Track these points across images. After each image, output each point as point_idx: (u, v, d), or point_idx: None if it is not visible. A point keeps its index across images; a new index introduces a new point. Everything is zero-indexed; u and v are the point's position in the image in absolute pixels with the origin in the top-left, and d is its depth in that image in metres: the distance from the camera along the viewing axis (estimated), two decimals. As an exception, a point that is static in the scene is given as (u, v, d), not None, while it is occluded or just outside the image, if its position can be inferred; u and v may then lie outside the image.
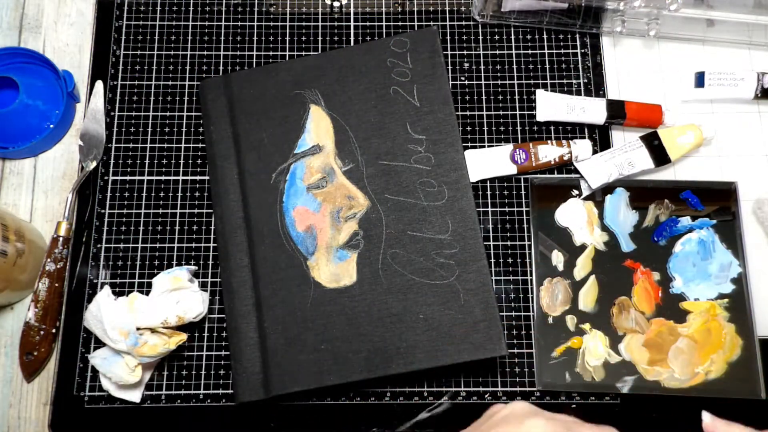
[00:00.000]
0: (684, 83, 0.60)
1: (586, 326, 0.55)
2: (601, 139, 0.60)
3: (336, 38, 0.62)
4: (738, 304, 0.55)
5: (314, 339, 0.51)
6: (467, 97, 0.60)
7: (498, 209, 0.58)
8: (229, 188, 0.55)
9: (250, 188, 0.55)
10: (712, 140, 0.59)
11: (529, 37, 0.62)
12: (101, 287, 0.55)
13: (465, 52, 0.62)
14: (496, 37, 0.62)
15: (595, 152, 0.58)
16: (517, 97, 0.61)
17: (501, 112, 0.60)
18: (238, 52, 0.61)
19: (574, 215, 0.57)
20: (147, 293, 0.55)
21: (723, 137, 0.60)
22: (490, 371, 0.54)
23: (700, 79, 0.59)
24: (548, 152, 0.57)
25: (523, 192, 0.58)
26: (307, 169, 0.55)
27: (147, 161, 0.59)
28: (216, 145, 0.56)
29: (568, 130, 0.60)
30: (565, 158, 0.57)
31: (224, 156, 0.56)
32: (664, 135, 0.57)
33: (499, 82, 0.61)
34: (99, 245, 0.57)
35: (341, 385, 0.53)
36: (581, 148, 0.58)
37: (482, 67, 0.61)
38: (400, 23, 0.62)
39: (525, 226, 0.57)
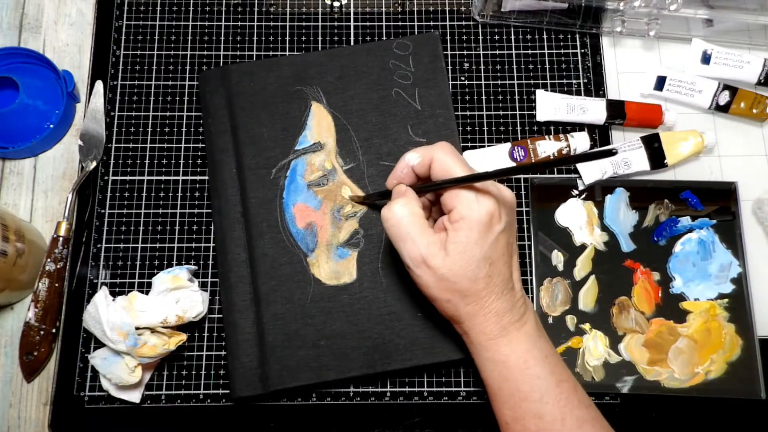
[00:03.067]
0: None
1: (586, 326, 0.55)
2: (601, 139, 0.60)
3: (336, 38, 0.62)
4: (738, 304, 0.55)
5: (313, 335, 0.51)
6: (467, 97, 0.60)
7: (498, 209, 0.58)
8: (228, 182, 0.55)
9: (249, 183, 0.55)
10: (713, 148, 0.59)
11: (529, 37, 0.62)
12: (101, 287, 0.55)
13: (465, 52, 0.62)
14: (496, 37, 0.62)
15: (593, 147, 0.59)
16: (517, 97, 0.61)
17: (501, 112, 0.60)
18: (238, 52, 0.61)
19: (574, 215, 0.57)
20: (147, 293, 0.55)
21: (723, 137, 0.60)
22: (490, 371, 0.54)
23: (659, 83, 0.60)
24: (547, 147, 0.57)
25: (523, 192, 0.58)
26: (308, 166, 0.55)
27: (147, 161, 0.59)
28: (214, 138, 0.56)
29: (568, 130, 0.60)
30: (564, 152, 0.58)
31: (222, 149, 0.56)
32: (666, 138, 0.57)
33: (499, 82, 0.61)
34: (99, 245, 0.57)
35: (340, 383, 0.54)
36: (579, 140, 0.58)
37: (482, 67, 0.61)
38: (400, 23, 0.62)
39: (525, 226, 0.57)
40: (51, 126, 0.58)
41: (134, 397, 0.52)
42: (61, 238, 0.55)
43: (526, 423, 0.42)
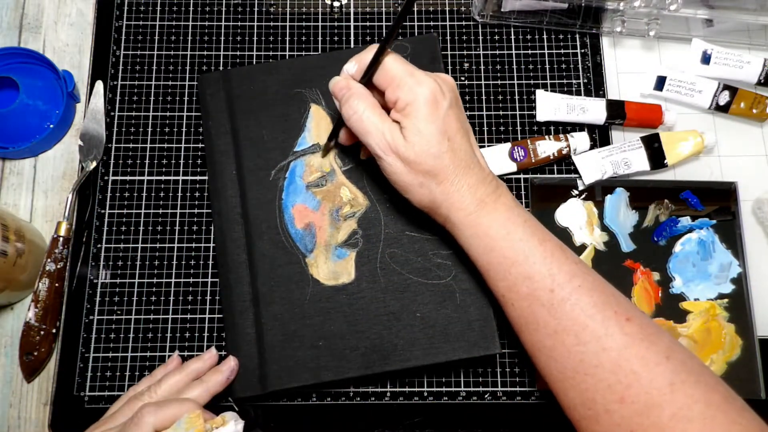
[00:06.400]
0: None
1: (586, 326, 0.54)
2: (600, 139, 0.60)
3: (336, 38, 0.62)
4: (738, 304, 0.55)
5: (311, 335, 0.51)
6: (467, 97, 0.60)
7: (498, 209, 0.58)
8: (227, 184, 0.55)
9: (248, 184, 0.55)
10: (713, 148, 0.59)
11: (529, 37, 0.62)
12: (100, 287, 0.55)
13: (465, 52, 0.62)
14: (496, 37, 0.62)
15: (593, 148, 0.59)
16: (517, 97, 0.61)
17: (501, 112, 0.60)
18: (238, 52, 0.61)
19: (574, 215, 0.57)
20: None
21: (723, 137, 0.60)
22: (490, 371, 0.54)
23: (659, 83, 0.60)
24: (547, 147, 0.57)
25: (523, 192, 0.58)
26: (307, 168, 0.55)
27: (147, 161, 0.59)
28: (214, 141, 0.56)
29: (568, 130, 0.60)
30: (564, 152, 0.58)
31: (222, 151, 0.56)
32: (666, 138, 0.57)
33: (499, 82, 0.61)
34: (99, 245, 0.57)
35: (339, 383, 0.54)
36: (579, 140, 0.58)
37: (482, 67, 0.61)
38: (400, 23, 0.62)
39: (525, 226, 0.57)
40: (51, 126, 0.58)
41: None
42: (61, 238, 0.55)
43: (519, 288, 0.43)
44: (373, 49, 0.44)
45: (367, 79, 0.45)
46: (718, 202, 0.57)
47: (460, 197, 0.44)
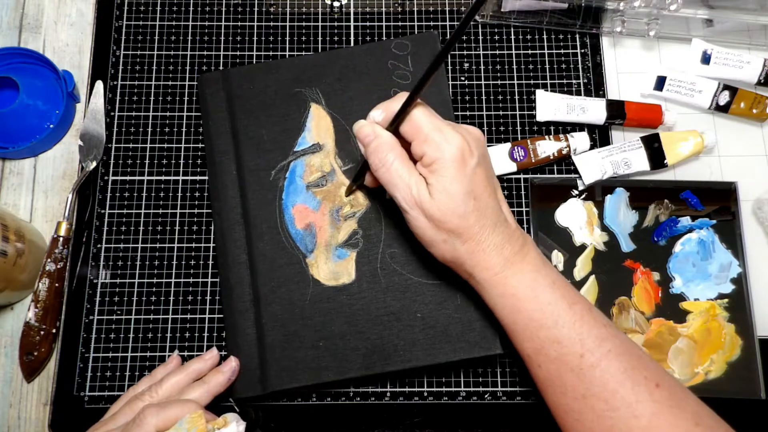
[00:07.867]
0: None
1: (586, 326, 0.54)
2: (600, 139, 0.60)
3: (336, 38, 0.62)
4: (738, 304, 0.55)
5: (312, 336, 0.51)
6: (467, 97, 0.60)
7: (498, 209, 0.58)
8: (228, 184, 0.55)
9: (248, 184, 0.55)
10: (713, 148, 0.59)
11: (529, 37, 0.62)
12: (100, 287, 0.55)
13: (465, 52, 0.62)
14: (496, 37, 0.62)
15: (593, 148, 0.59)
16: (517, 97, 0.61)
17: (501, 112, 0.60)
18: (237, 52, 0.61)
19: (574, 215, 0.57)
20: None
21: (723, 137, 0.60)
22: (490, 371, 0.54)
23: (659, 83, 0.60)
24: (547, 147, 0.57)
25: (522, 192, 0.58)
26: (307, 168, 0.55)
27: (147, 161, 0.59)
28: (214, 140, 0.56)
29: (568, 130, 0.60)
30: (564, 152, 0.58)
31: (223, 151, 0.56)
32: (665, 138, 0.57)
33: (499, 82, 0.61)
34: (99, 245, 0.57)
35: (339, 383, 0.54)
36: (579, 140, 0.58)
37: (482, 67, 0.61)
38: (400, 23, 0.62)
39: (525, 226, 0.57)
40: (51, 126, 0.58)
41: None
42: (61, 238, 0.55)
43: (547, 351, 0.42)
44: (401, 98, 0.43)
45: (395, 128, 0.44)
46: (718, 202, 0.57)
47: (485, 257, 0.43)
